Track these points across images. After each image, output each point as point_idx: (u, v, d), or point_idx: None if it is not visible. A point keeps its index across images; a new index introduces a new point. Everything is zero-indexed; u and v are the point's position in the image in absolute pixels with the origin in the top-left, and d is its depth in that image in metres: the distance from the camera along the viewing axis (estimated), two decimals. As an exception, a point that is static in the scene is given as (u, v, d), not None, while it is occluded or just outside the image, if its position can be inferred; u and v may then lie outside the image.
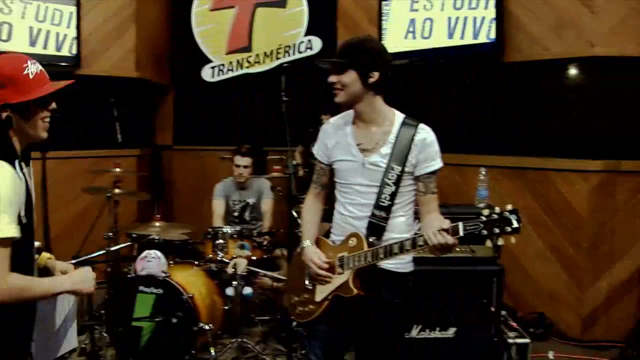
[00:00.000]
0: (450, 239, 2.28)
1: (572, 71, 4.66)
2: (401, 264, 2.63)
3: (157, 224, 4.52)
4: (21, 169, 2.01)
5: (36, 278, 2.12)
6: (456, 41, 5.17)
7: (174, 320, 3.90)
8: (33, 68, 2.03)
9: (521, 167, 4.97)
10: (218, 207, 5.14)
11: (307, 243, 2.76)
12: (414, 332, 3.70)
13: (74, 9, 5.69)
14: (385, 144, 2.59)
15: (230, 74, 6.97)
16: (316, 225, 2.87)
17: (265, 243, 4.59)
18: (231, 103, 6.99)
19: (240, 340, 4.13)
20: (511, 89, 5.05)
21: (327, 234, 2.88)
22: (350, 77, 2.52)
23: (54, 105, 2.10)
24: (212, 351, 4.04)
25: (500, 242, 2.25)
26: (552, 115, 4.79)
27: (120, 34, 6.14)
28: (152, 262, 4.06)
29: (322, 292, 2.66)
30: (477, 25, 5.01)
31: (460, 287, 3.69)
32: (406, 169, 2.56)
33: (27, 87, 1.99)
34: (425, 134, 2.60)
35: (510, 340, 3.77)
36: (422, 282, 3.55)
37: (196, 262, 4.48)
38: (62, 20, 5.65)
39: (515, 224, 2.20)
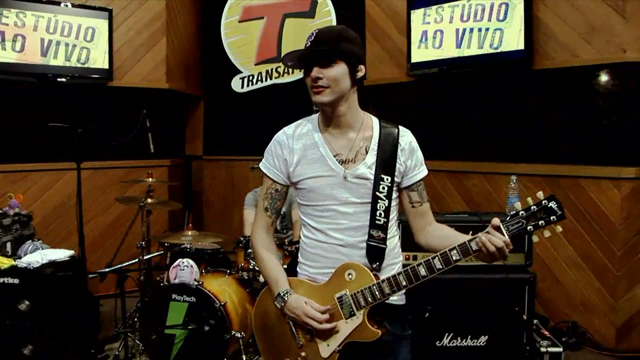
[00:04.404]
0: (507, 239, 1.93)
1: (604, 77, 4.60)
2: (400, 295, 2.23)
3: (189, 233, 4.57)
4: None
5: None
6: (485, 49, 5.14)
7: (206, 328, 3.94)
8: None
9: (553, 175, 4.91)
10: (249, 216, 5.16)
11: (286, 292, 2.19)
12: (446, 340, 3.67)
13: (105, 22, 5.81)
14: (368, 151, 2.17)
15: (260, 84, 7.06)
16: (281, 265, 2.33)
17: (296, 252, 4.60)
18: (261, 113, 7.05)
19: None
20: (541, 96, 5.01)
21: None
22: (339, 71, 2.06)
23: None
24: (244, 359, 4.07)
25: (546, 234, 1.99)
26: (583, 122, 4.73)
27: (151, 45, 6.25)
28: (184, 270, 4.11)
29: (329, 345, 2.14)
30: (505, 34, 4.99)
31: (492, 295, 3.64)
32: (396, 179, 2.18)
33: None
34: (409, 136, 2.24)
35: (543, 349, 3.73)
36: (453, 290, 3.60)
37: (228, 271, 4.51)
38: (94, 36, 5.77)
39: (558, 211, 1.97)
